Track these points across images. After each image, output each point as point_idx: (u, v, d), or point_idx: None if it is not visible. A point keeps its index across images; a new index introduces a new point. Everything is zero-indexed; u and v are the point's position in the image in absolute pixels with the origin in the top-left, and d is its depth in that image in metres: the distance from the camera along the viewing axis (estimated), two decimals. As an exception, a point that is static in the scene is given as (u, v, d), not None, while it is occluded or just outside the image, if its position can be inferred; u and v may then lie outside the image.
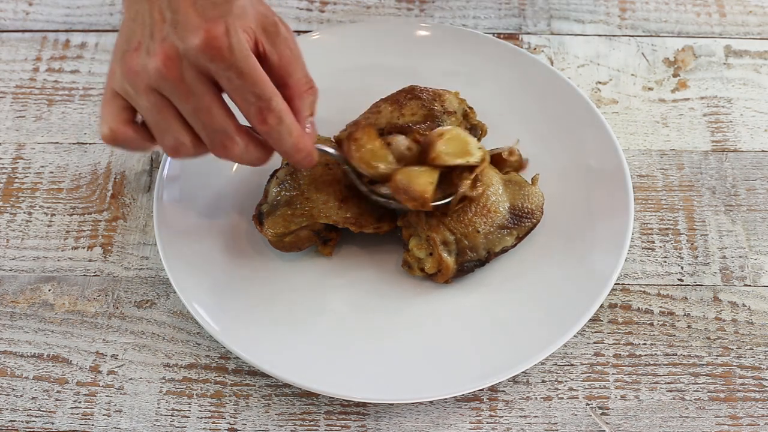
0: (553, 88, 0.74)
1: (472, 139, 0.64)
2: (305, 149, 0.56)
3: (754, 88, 0.78)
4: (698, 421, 0.61)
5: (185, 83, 0.51)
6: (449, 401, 0.62)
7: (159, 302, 0.67)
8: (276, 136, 0.54)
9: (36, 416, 0.62)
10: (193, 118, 0.53)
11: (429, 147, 0.63)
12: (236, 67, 0.51)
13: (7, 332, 0.66)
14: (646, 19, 0.84)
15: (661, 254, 0.69)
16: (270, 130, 0.54)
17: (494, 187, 0.65)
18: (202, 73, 0.52)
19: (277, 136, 0.54)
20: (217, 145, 0.54)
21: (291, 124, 0.54)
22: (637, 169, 0.73)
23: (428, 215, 0.64)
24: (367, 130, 0.63)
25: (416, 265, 0.65)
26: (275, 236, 0.65)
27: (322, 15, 0.84)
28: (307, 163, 0.58)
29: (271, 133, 0.54)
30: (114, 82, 0.54)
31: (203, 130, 0.53)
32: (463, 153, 0.62)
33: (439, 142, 0.62)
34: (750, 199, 0.72)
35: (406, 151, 0.63)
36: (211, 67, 0.51)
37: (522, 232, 0.66)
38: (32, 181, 0.74)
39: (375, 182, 0.63)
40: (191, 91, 0.52)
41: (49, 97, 0.79)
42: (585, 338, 0.65)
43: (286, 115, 0.54)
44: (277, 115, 0.53)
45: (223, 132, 0.53)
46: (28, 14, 0.85)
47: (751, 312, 0.66)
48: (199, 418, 0.62)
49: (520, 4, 0.85)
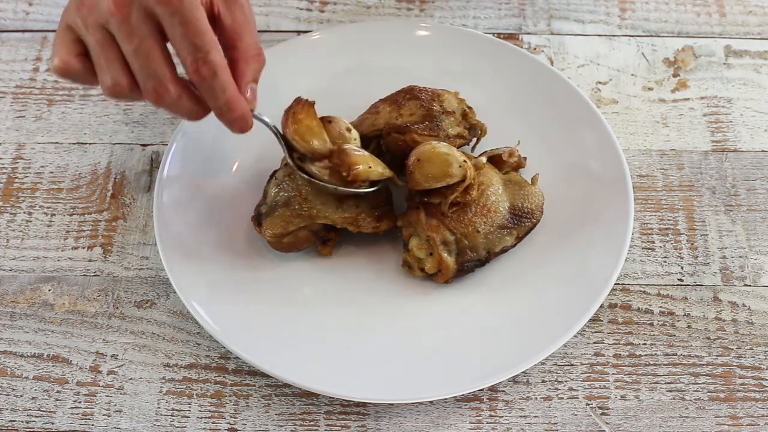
0: (553, 88, 0.74)
1: (452, 154, 0.63)
2: (238, 111, 0.57)
3: (754, 88, 0.78)
4: (698, 421, 0.61)
5: (131, 23, 0.53)
6: (449, 401, 0.62)
7: (159, 302, 0.67)
8: (208, 88, 0.55)
9: (36, 416, 0.62)
10: (133, 59, 0.54)
11: (408, 176, 0.63)
12: (181, 14, 0.52)
13: (7, 332, 0.66)
14: (646, 19, 0.84)
15: (661, 254, 0.69)
16: (202, 82, 0.55)
17: (494, 187, 0.65)
18: (149, 17, 0.53)
19: (209, 88, 0.55)
20: (150, 90, 0.55)
21: (226, 81, 0.55)
22: (637, 169, 0.73)
23: (428, 215, 0.64)
24: (307, 107, 0.63)
25: (416, 264, 0.65)
26: (274, 237, 0.65)
27: (322, 15, 0.84)
28: (239, 125, 0.58)
29: (203, 85, 0.55)
30: (68, 16, 0.56)
31: (140, 72, 0.54)
32: (442, 175, 0.62)
33: (416, 171, 0.63)
34: (750, 199, 0.72)
35: (345, 132, 0.64)
36: (157, 10, 0.52)
37: (522, 232, 0.66)
38: (32, 181, 0.74)
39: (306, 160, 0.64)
40: (135, 32, 0.53)
41: (49, 97, 0.79)
42: (585, 338, 0.65)
43: (221, 70, 0.55)
44: (211, 67, 0.54)
45: (157, 78, 0.54)
46: (28, 14, 0.85)
47: (751, 312, 0.66)
48: (199, 418, 0.62)
49: (520, 4, 0.85)
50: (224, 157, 0.72)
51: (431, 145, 0.63)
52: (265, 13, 0.84)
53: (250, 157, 0.72)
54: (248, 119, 0.58)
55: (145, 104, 0.78)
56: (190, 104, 0.57)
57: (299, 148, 0.63)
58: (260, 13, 0.84)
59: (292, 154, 0.64)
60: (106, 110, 0.78)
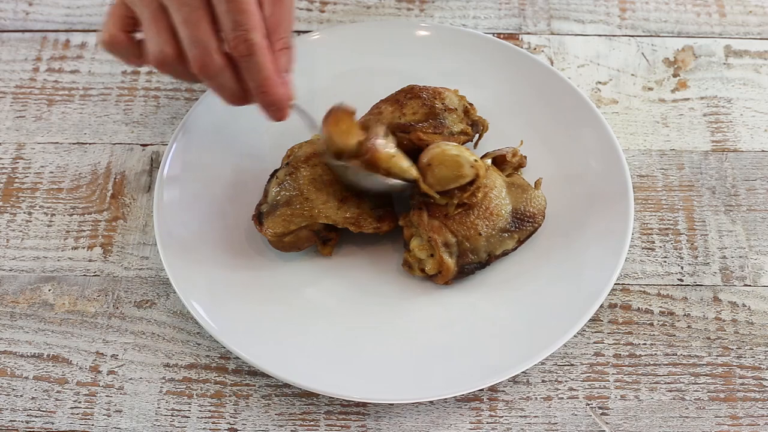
0: (553, 88, 0.74)
1: (462, 155, 0.63)
2: (274, 94, 0.59)
3: (754, 88, 0.78)
4: (698, 421, 0.61)
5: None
6: (449, 401, 0.62)
7: (159, 302, 0.67)
8: (246, 66, 0.57)
9: (36, 416, 0.62)
10: (182, 28, 0.56)
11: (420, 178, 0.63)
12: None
13: (7, 332, 0.66)
14: (646, 19, 0.84)
15: (661, 254, 0.69)
16: (241, 59, 0.57)
17: (497, 190, 0.65)
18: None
19: (247, 67, 0.57)
20: (196, 57, 0.56)
21: (263, 62, 0.57)
22: (637, 169, 0.73)
23: (431, 216, 0.64)
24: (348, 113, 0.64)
25: (417, 265, 0.65)
26: (275, 236, 0.65)
27: (322, 15, 0.84)
28: (276, 110, 0.60)
29: (242, 63, 0.57)
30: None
31: (187, 40, 0.56)
32: (455, 177, 0.63)
33: (429, 175, 0.63)
34: (750, 199, 0.72)
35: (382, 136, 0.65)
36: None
37: (523, 235, 0.66)
38: (32, 181, 0.74)
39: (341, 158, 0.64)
40: (187, 2, 0.55)
41: (49, 97, 0.79)
42: (585, 338, 0.65)
43: (259, 50, 0.56)
44: (250, 45, 0.56)
45: (203, 46, 0.56)
46: (28, 14, 0.85)
47: (751, 312, 0.66)
48: (199, 418, 0.62)
49: (520, 4, 0.85)
50: (224, 157, 0.72)
51: (440, 148, 0.63)
52: (265, 13, 0.84)
53: (251, 157, 0.72)
54: (285, 106, 0.60)
55: (146, 104, 0.78)
56: (232, 81, 0.58)
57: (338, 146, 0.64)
58: (260, 13, 0.84)
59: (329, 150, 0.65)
60: (106, 110, 0.78)
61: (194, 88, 0.79)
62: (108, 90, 0.79)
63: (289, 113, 0.61)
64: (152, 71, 0.80)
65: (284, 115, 0.61)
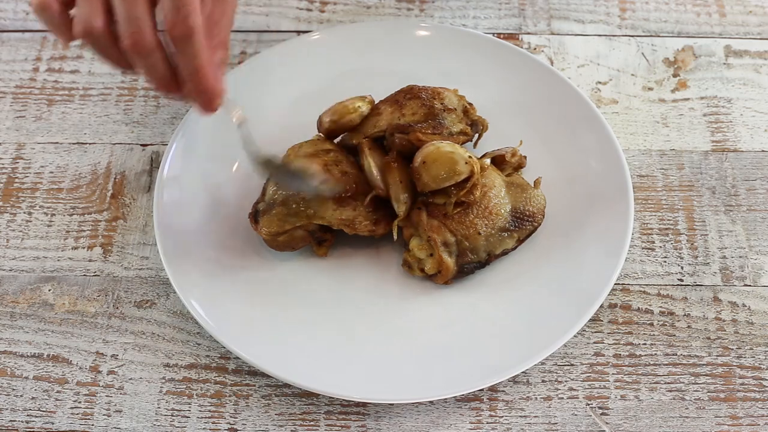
0: (553, 88, 0.74)
1: (457, 152, 0.63)
2: (208, 82, 0.57)
3: (754, 88, 0.78)
4: (698, 421, 0.61)
5: None
6: (449, 401, 0.62)
7: (159, 302, 0.67)
8: (182, 50, 0.55)
9: (36, 416, 0.62)
10: (119, 4, 0.54)
11: (416, 179, 0.63)
12: None
13: (7, 332, 0.66)
14: (646, 19, 0.84)
15: (661, 254, 0.69)
16: (177, 42, 0.55)
17: (496, 190, 0.65)
18: None
19: (183, 48, 0.55)
20: (130, 34, 0.55)
21: (200, 48, 0.55)
22: (637, 169, 0.73)
23: (430, 216, 0.64)
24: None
25: (416, 265, 0.65)
26: (269, 235, 0.65)
27: (322, 15, 0.84)
28: (207, 100, 0.58)
29: (178, 46, 0.55)
30: None
31: (123, 15, 0.54)
32: (450, 174, 0.62)
33: (424, 173, 0.63)
34: (750, 199, 0.72)
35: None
36: None
37: (523, 235, 0.66)
38: (32, 181, 0.74)
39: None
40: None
41: (49, 97, 0.79)
42: (585, 338, 0.65)
43: (197, 34, 0.55)
44: (188, 28, 0.54)
45: (137, 24, 0.54)
46: (28, 14, 0.85)
47: (751, 312, 0.66)
48: (199, 418, 0.62)
49: (520, 4, 0.84)
50: (224, 157, 0.72)
51: (435, 146, 0.63)
52: (265, 13, 0.84)
53: (250, 157, 0.72)
54: (217, 96, 0.58)
55: (146, 104, 0.78)
56: (164, 66, 0.57)
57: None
58: (260, 13, 0.84)
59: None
60: (106, 110, 0.78)
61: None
62: (108, 90, 0.79)
63: (218, 107, 0.59)
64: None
65: (214, 106, 0.59)
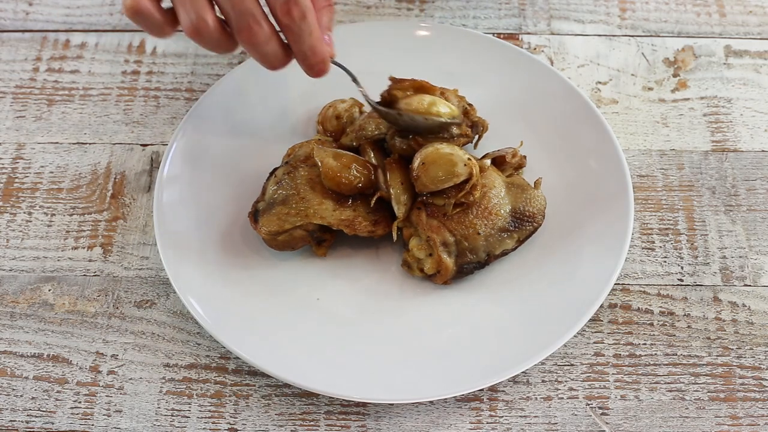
0: (553, 88, 0.74)
1: (456, 154, 0.63)
2: (321, 54, 0.59)
3: (754, 88, 0.78)
4: (698, 421, 0.61)
5: None
6: (449, 401, 0.62)
7: (159, 302, 0.67)
8: (297, 31, 0.57)
9: (36, 416, 0.62)
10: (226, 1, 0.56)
11: (415, 180, 0.63)
12: None
13: (7, 332, 0.66)
14: (646, 19, 0.84)
15: (661, 254, 0.69)
16: (292, 24, 0.57)
17: (496, 190, 0.65)
18: None
19: (298, 31, 0.57)
20: (244, 27, 0.56)
21: (313, 24, 0.58)
22: (637, 169, 0.73)
23: (429, 216, 0.64)
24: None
25: (416, 265, 0.65)
26: (269, 234, 0.64)
27: (322, 15, 0.84)
28: (319, 69, 0.61)
29: (292, 28, 0.57)
30: None
31: (233, 11, 0.56)
32: (449, 175, 0.63)
33: (423, 175, 0.63)
34: (750, 199, 0.72)
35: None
36: None
37: (523, 235, 0.66)
38: (32, 181, 0.74)
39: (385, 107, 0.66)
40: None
41: (49, 97, 0.79)
42: (585, 338, 0.65)
43: (310, 13, 0.57)
44: (301, 9, 0.56)
45: (251, 14, 0.56)
46: (28, 14, 0.85)
47: (751, 312, 0.66)
48: (199, 418, 0.62)
49: (520, 4, 0.85)
50: (224, 157, 0.72)
51: (434, 147, 0.63)
52: (265, 13, 0.84)
53: (250, 156, 0.72)
54: (328, 63, 0.61)
55: (146, 104, 0.78)
56: (278, 47, 0.59)
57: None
58: (260, 13, 0.84)
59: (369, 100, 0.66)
60: (106, 110, 0.78)
61: (194, 87, 0.79)
62: (108, 90, 0.79)
63: (329, 68, 0.61)
64: (152, 71, 0.80)
65: (326, 71, 0.61)
